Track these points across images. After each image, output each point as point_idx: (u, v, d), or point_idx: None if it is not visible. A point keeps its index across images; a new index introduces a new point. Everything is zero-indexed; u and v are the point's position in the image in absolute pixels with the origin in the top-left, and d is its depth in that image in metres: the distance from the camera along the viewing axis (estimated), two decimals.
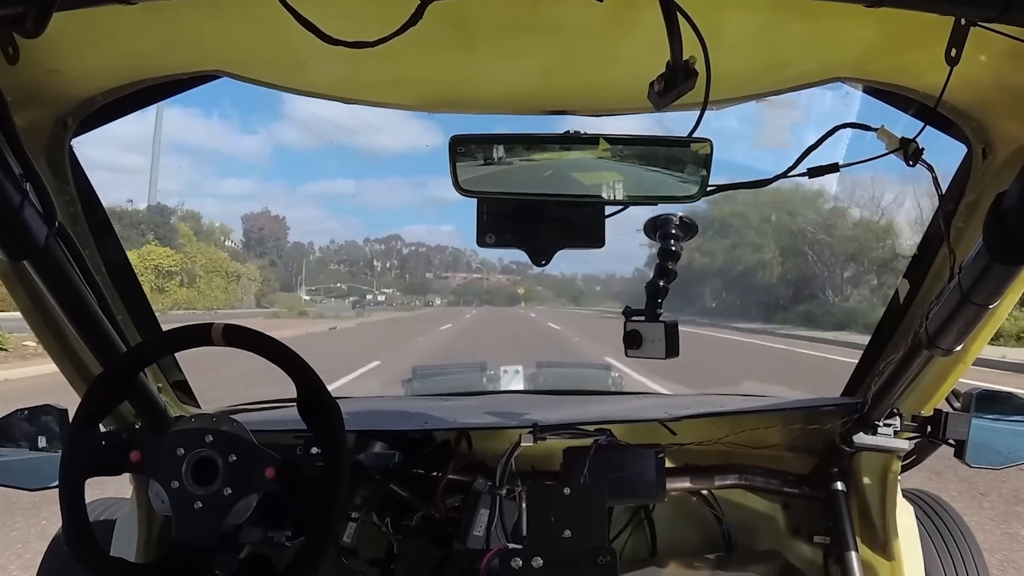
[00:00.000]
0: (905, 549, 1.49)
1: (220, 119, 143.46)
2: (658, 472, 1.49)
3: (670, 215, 1.32)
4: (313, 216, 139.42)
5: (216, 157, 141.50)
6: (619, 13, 0.91)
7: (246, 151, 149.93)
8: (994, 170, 1.16)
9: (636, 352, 1.31)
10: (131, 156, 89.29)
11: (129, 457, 1.08)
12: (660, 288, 1.32)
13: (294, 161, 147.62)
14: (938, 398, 1.36)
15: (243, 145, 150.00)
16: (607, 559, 1.26)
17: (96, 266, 1.26)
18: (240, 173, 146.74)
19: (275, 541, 1.18)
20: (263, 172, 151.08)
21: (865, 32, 0.99)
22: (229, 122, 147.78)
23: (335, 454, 1.07)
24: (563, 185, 1.05)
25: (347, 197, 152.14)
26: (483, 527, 1.37)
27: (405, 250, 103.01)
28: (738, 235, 35.29)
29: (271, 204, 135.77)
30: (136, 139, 76.28)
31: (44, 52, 0.96)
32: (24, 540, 3.98)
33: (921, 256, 1.39)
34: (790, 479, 1.63)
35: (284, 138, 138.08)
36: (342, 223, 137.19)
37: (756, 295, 32.83)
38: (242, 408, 1.76)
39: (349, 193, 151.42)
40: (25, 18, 0.64)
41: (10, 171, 0.90)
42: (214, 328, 1.08)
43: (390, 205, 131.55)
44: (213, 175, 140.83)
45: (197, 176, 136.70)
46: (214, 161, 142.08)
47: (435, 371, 2.85)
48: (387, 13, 0.74)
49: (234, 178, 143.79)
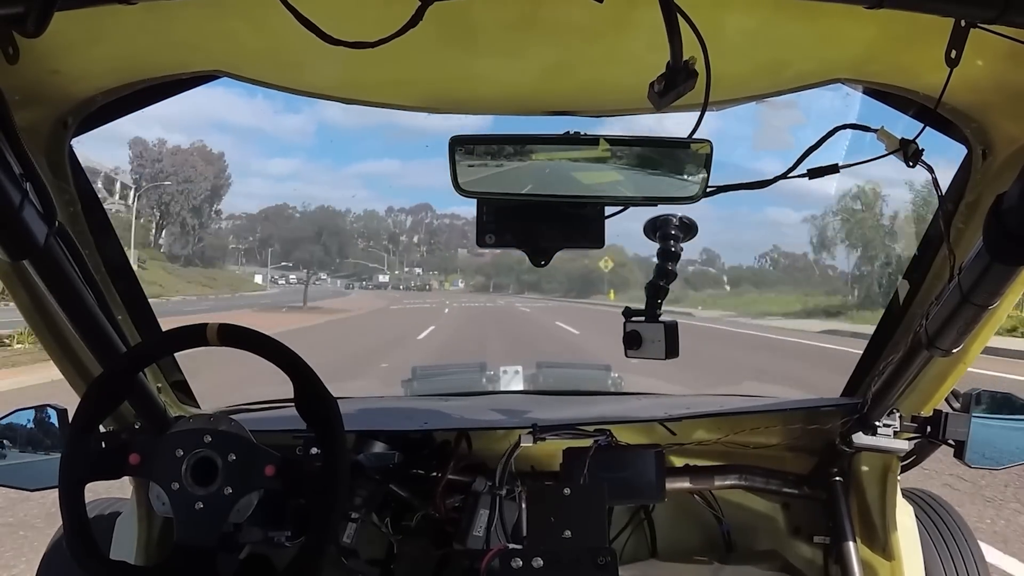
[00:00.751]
0: (905, 549, 1.49)
1: (264, 98, 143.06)
2: (658, 472, 1.49)
3: (670, 216, 1.32)
4: (360, 196, 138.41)
5: (259, 135, 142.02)
6: (619, 14, 0.91)
7: (290, 130, 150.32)
8: (994, 171, 1.16)
9: (636, 352, 1.31)
10: (175, 135, 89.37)
11: (128, 460, 1.08)
12: (660, 288, 1.32)
13: (340, 140, 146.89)
14: (938, 398, 1.36)
15: (287, 124, 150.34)
16: (607, 559, 1.26)
17: (96, 266, 1.26)
18: (286, 153, 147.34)
19: (275, 541, 1.18)
20: (309, 151, 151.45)
21: (865, 33, 0.99)
22: (273, 102, 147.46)
23: (334, 451, 1.07)
24: (563, 186, 1.05)
25: (393, 177, 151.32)
26: (483, 527, 1.38)
27: (435, 222, 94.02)
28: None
29: (316, 184, 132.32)
30: (179, 119, 75.93)
31: (44, 52, 0.96)
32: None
33: (921, 256, 1.39)
34: (790, 479, 1.63)
35: (329, 117, 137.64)
36: (385, 203, 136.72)
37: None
38: (241, 408, 1.76)
39: (395, 173, 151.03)
40: (25, 18, 0.64)
41: (10, 171, 0.90)
42: (209, 328, 1.08)
43: (431, 185, 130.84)
44: (260, 154, 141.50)
45: (241, 156, 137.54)
46: (258, 140, 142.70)
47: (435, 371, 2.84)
48: (387, 14, 0.74)
49: (280, 157, 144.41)
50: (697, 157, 1.03)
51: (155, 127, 69.62)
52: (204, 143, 79.37)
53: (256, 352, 1.09)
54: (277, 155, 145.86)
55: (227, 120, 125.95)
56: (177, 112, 74.05)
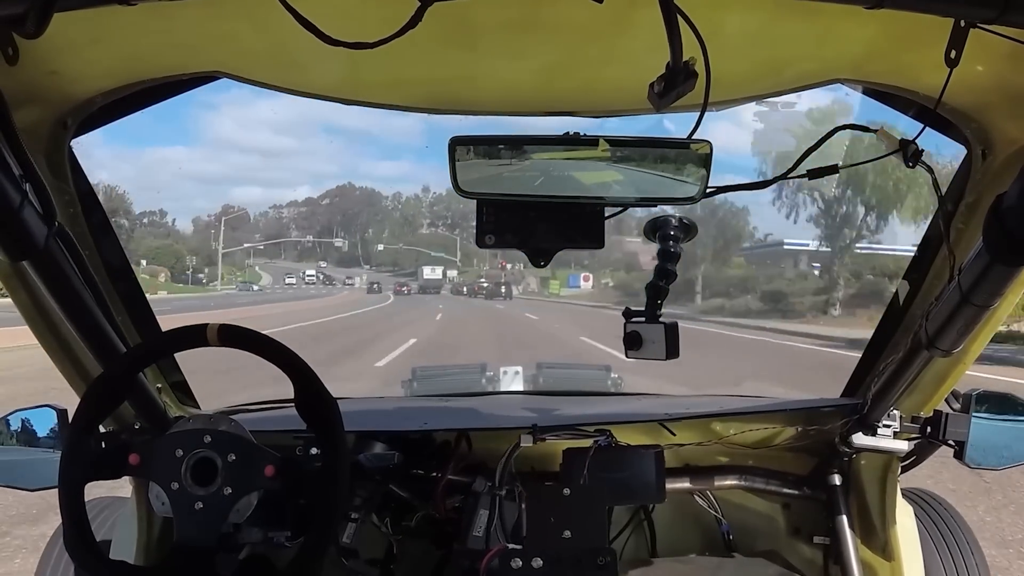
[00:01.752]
0: (905, 549, 1.49)
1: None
2: (658, 472, 1.49)
3: (669, 216, 1.32)
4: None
5: (366, 137, 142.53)
6: (619, 14, 0.91)
7: (399, 131, 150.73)
8: (994, 171, 1.16)
9: (636, 353, 1.31)
10: (283, 139, 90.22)
11: (128, 460, 1.08)
12: (660, 289, 1.32)
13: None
14: (938, 399, 1.36)
15: (395, 125, 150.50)
16: (607, 559, 1.26)
17: (96, 267, 1.26)
18: (394, 155, 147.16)
19: (275, 541, 1.18)
20: (417, 153, 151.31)
21: (865, 33, 0.99)
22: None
23: (334, 451, 1.07)
24: (563, 186, 1.05)
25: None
26: (483, 527, 1.38)
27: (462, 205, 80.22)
28: None
29: (420, 184, 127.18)
30: (288, 123, 75.85)
31: (44, 52, 0.96)
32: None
33: (921, 256, 1.39)
34: (790, 479, 1.63)
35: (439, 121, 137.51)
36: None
37: None
38: (241, 408, 1.76)
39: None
40: (25, 18, 0.64)
41: (10, 171, 0.90)
42: (209, 328, 1.08)
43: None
44: (369, 156, 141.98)
45: (351, 158, 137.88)
46: (364, 141, 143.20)
47: (435, 372, 2.85)
48: (387, 14, 0.74)
49: (389, 160, 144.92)
50: (697, 157, 1.03)
51: (263, 131, 69.51)
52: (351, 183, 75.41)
53: (256, 352, 1.09)
54: (386, 158, 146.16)
55: (339, 125, 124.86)
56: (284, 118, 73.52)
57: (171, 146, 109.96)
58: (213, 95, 34.44)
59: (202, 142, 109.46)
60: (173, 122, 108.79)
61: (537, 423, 1.46)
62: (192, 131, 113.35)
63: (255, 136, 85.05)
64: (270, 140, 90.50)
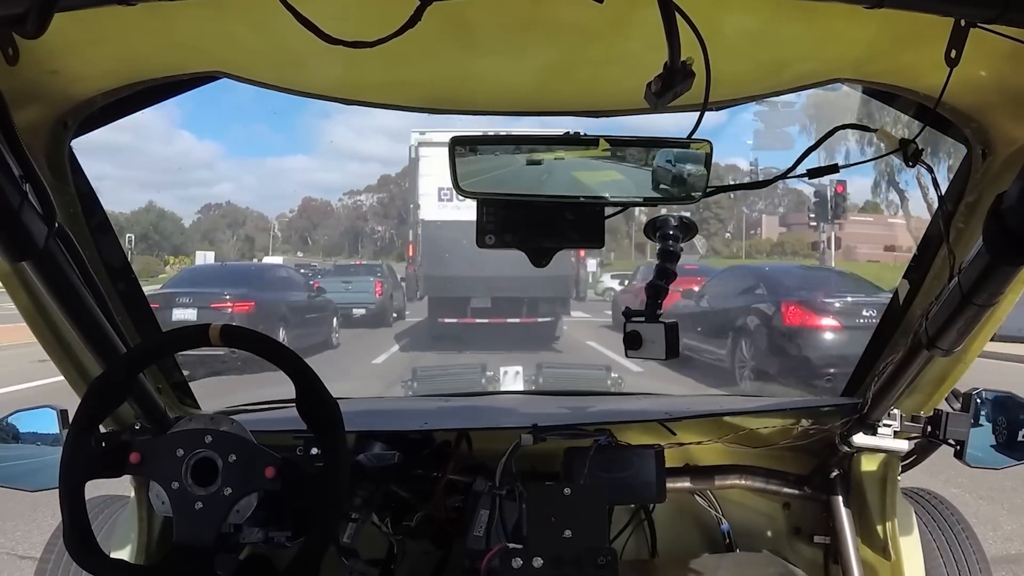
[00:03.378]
0: (905, 549, 1.49)
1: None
2: (658, 472, 1.49)
3: (669, 215, 1.32)
4: None
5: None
6: (619, 13, 0.91)
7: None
8: (994, 171, 1.16)
9: (636, 353, 1.31)
10: (402, 146, 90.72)
11: (128, 459, 1.08)
12: (660, 288, 1.32)
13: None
14: (938, 398, 1.36)
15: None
16: (607, 559, 1.26)
17: (96, 267, 1.26)
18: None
19: (275, 541, 1.18)
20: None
21: (865, 33, 0.99)
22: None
23: (335, 452, 1.07)
24: (563, 186, 1.05)
25: None
26: (483, 527, 1.38)
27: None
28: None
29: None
30: (393, 129, 74.67)
31: (44, 52, 0.96)
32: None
33: (921, 256, 1.39)
34: (790, 479, 1.63)
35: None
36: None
37: None
38: (242, 409, 1.76)
39: None
40: (25, 18, 0.64)
41: (10, 171, 0.90)
42: (211, 329, 1.08)
43: None
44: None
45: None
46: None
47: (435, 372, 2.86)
48: (387, 13, 0.74)
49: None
50: (697, 157, 1.03)
51: (378, 137, 68.72)
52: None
53: (257, 353, 1.09)
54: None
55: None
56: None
57: (291, 155, 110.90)
58: (325, 103, 35.60)
59: (319, 152, 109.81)
60: (290, 131, 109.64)
61: (537, 423, 1.46)
62: (309, 140, 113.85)
63: (373, 144, 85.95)
64: (390, 148, 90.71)
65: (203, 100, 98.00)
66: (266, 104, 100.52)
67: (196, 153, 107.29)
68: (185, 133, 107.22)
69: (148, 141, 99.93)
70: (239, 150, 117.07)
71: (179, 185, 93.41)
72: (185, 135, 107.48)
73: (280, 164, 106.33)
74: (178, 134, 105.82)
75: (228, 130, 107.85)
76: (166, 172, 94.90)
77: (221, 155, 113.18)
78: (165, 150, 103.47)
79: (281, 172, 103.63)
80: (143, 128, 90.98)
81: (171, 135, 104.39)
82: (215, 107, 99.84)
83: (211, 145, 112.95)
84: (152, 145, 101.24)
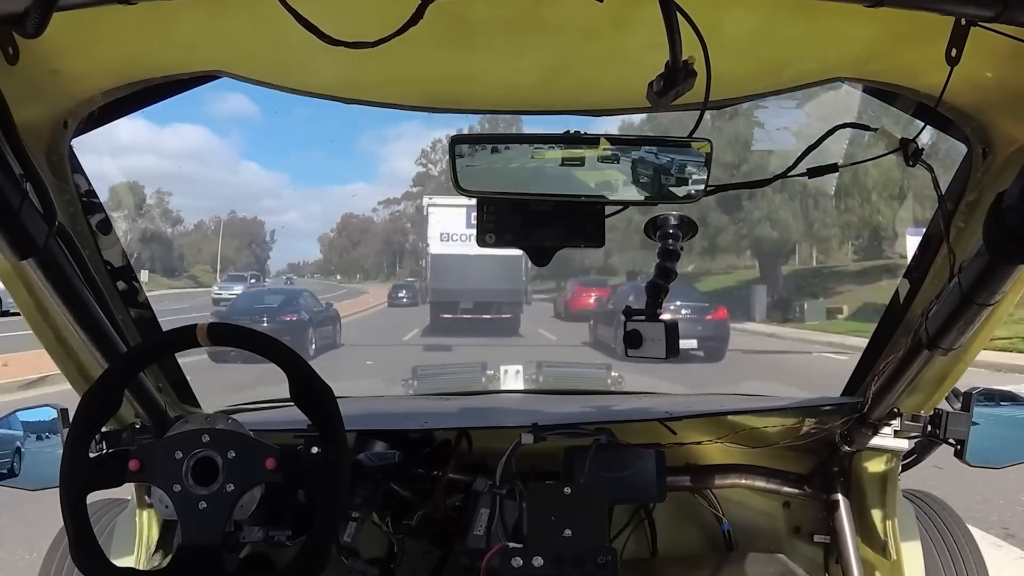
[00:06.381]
0: (905, 549, 1.49)
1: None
2: (658, 472, 1.49)
3: (669, 215, 1.32)
4: None
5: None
6: (619, 13, 0.91)
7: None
8: (994, 170, 1.16)
9: (636, 352, 1.30)
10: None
11: (128, 466, 1.07)
12: (660, 288, 1.32)
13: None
14: (938, 398, 1.36)
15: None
16: (607, 559, 1.26)
17: (96, 266, 1.26)
18: None
19: (276, 540, 1.18)
20: None
21: (865, 32, 0.99)
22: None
23: (333, 438, 1.07)
24: (563, 185, 1.04)
25: None
26: (483, 526, 1.38)
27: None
28: None
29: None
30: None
31: (44, 52, 0.96)
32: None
33: (921, 256, 1.39)
34: (790, 479, 1.63)
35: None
36: None
37: None
38: (240, 408, 1.76)
39: None
40: (25, 18, 0.64)
41: (10, 171, 0.90)
42: (199, 328, 1.08)
43: None
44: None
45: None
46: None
47: (435, 370, 2.85)
48: (387, 13, 0.74)
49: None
50: (697, 156, 1.03)
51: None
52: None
53: (247, 348, 1.09)
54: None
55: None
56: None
57: (350, 183, 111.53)
58: (389, 126, 35.14)
59: (377, 176, 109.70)
60: (349, 159, 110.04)
61: (538, 422, 1.46)
62: (367, 166, 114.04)
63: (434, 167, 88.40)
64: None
65: (269, 129, 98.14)
66: (321, 130, 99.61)
67: (262, 183, 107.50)
68: (252, 164, 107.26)
69: (215, 169, 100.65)
70: (303, 178, 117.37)
71: (248, 212, 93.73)
72: (252, 166, 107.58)
73: (343, 191, 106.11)
74: (244, 164, 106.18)
75: (288, 157, 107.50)
76: (233, 200, 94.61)
77: (285, 183, 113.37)
78: (233, 179, 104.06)
79: (342, 199, 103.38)
80: (209, 154, 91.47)
81: (237, 165, 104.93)
82: (280, 136, 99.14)
83: (277, 175, 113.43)
84: (220, 174, 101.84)
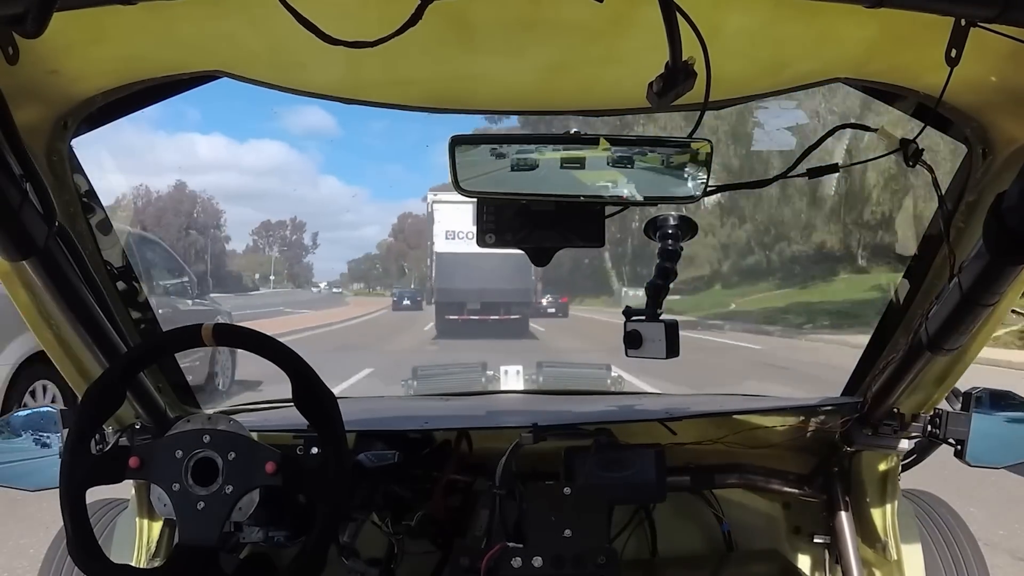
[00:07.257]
0: (905, 549, 1.49)
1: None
2: (658, 472, 1.49)
3: (669, 215, 1.32)
4: None
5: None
6: (619, 13, 0.91)
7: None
8: (994, 170, 1.16)
9: (636, 352, 1.30)
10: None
11: (128, 464, 1.07)
12: (660, 288, 1.32)
13: None
14: (938, 398, 1.36)
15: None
16: (607, 558, 1.26)
17: (96, 266, 1.26)
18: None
19: (276, 541, 1.18)
20: None
21: (865, 32, 0.99)
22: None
23: (334, 443, 1.07)
24: (563, 185, 1.05)
25: None
26: (483, 527, 1.38)
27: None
28: None
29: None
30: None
31: (44, 52, 0.96)
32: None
33: (921, 256, 1.39)
34: (790, 479, 1.63)
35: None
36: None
37: None
38: (241, 408, 1.76)
39: None
40: (25, 18, 0.64)
41: (10, 171, 0.90)
42: (204, 329, 1.08)
43: None
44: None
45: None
46: None
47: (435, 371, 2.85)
48: (387, 13, 0.74)
49: None
50: (697, 156, 1.03)
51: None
52: None
53: (251, 349, 1.09)
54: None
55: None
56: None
57: (407, 199, 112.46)
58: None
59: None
60: (422, 171, 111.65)
61: (538, 422, 1.46)
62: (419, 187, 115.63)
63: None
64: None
65: (338, 145, 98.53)
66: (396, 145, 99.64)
67: (341, 199, 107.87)
68: (332, 179, 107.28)
69: (296, 185, 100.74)
70: (381, 193, 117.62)
71: (327, 228, 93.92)
72: (332, 180, 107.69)
73: (418, 206, 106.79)
74: (324, 180, 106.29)
75: (366, 172, 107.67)
76: (316, 216, 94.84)
77: (366, 198, 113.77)
78: (312, 194, 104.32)
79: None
80: (289, 169, 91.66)
81: (316, 180, 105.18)
82: (356, 150, 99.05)
83: (357, 188, 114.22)
84: (302, 190, 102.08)
